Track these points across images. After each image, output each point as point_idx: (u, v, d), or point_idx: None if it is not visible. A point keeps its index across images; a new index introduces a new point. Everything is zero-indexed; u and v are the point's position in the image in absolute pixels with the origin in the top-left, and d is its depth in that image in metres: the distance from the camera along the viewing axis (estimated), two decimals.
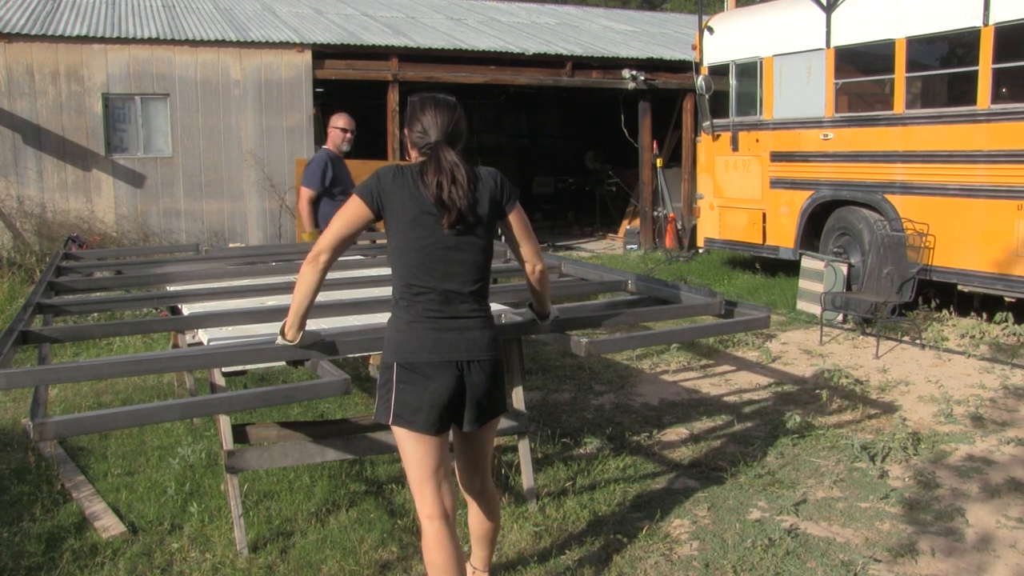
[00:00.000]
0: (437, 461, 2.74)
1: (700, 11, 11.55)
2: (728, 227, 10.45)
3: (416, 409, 2.69)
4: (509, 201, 2.82)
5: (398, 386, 2.70)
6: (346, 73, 12.87)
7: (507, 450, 4.45)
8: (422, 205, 2.68)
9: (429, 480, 2.74)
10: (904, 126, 8.03)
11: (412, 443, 2.72)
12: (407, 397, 2.69)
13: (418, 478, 2.75)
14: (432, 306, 2.70)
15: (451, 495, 2.79)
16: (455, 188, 2.66)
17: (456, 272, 2.71)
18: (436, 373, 2.69)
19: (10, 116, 11.33)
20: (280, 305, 3.92)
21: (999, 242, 7.18)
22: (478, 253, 2.75)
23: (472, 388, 2.74)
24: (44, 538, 3.75)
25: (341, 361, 4.03)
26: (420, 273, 2.69)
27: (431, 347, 2.69)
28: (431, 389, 2.69)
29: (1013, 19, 7.00)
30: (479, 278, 2.76)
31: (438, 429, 2.71)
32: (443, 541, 2.73)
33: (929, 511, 3.97)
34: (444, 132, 2.73)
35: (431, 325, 2.70)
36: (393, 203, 2.70)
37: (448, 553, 2.73)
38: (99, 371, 3.37)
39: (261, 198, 12.55)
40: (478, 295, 2.77)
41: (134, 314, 5.78)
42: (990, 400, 5.62)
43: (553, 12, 19.40)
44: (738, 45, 10.14)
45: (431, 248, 2.69)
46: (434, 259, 2.69)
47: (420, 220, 2.68)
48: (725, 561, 3.49)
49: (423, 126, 2.75)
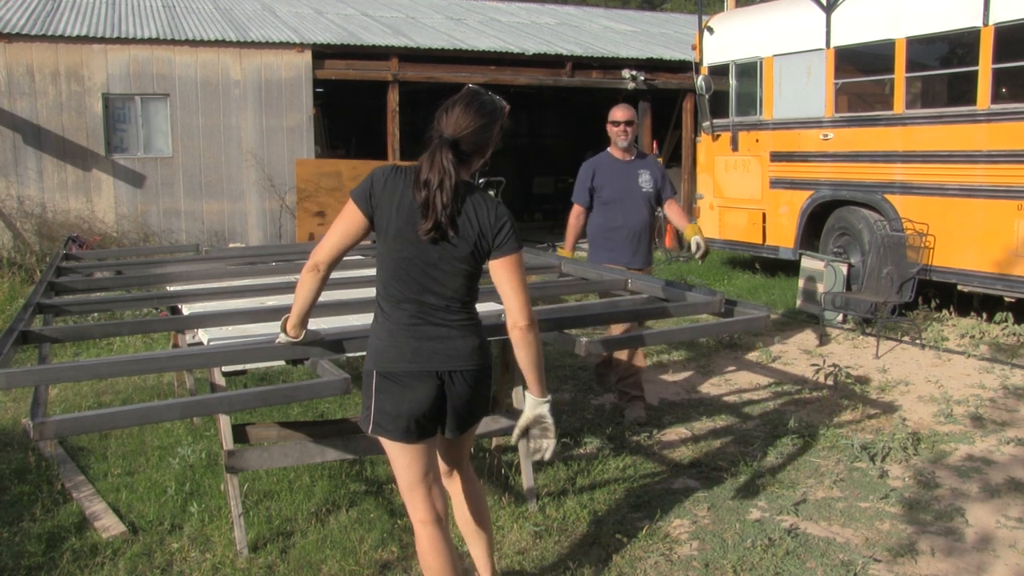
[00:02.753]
0: (424, 467, 2.71)
1: (700, 11, 11.54)
2: (728, 227, 10.45)
3: (395, 418, 2.63)
4: (501, 246, 2.58)
5: (377, 395, 2.64)
6: (346, 73, 12.87)
7: (507, 450, 4.45)
8: (409, 214, 2.56)
9: (418, 485, 2.71)
10: (904, 126, 8.03)
11: (396, 450, 2.70)
12: (386, 406, 2.63)
13: (406, 484, 2.72)
14: (412, 315, 2.62)
15: (442, 498, 2.78)
16: (440, 194, 2.50)
17: (434, 289, 2.61)
18: (415, 383, 2.61)
19: (10, 116, 11.33)
20: (280, 305, 3.92)
21: (999, 242, 7.18)
22: (459, 276, 2.62)
23: (453, 398, 2.67)
24: (44, 538, 3.75)
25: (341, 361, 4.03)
26: (398, 284, 2.61)
27: (410, 356, 2.61)
28: (409, 399, 2.61)
29: (1013, 19, 7.00)
30: (462, 294, 2.64)
31: (418, 437, 2.66)
32: (437, 545, 2.70)
33: (929, 511, 3.97)
34: (456, 133, 2.55)
35: (411, 333, 2.61)
36: (382, 208, 2.59)
37: (443, 557, 2.71)
38: (99, 371, 3.37)
39: (261, 198, 12.56)
40: (461, 303, 2.66)
41: (134, 314, 5.78)
42: (990, 400, 5.62)
43: (553, 12, 19.40)
44: (738, 45, 10.13)
45: (412, 261, 2.58)
46: (413, 273, 2.59)
47: (404, 232, 2.57)
48: (725, 561, 3.49)
49: (442, 120, 2.58)
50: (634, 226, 5.37)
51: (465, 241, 2.57)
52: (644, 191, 5.40)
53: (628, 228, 5.36)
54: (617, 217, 5.36)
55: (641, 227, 5.41)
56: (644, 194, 5.41)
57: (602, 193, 5.40)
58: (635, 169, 5.44)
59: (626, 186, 5.38)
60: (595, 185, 5.41)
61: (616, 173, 5.42)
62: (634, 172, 5.43)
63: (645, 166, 5.49)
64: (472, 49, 13.62)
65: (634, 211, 5.37)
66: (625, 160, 5.46)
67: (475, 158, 2.63)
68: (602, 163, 5.48)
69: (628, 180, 5.40)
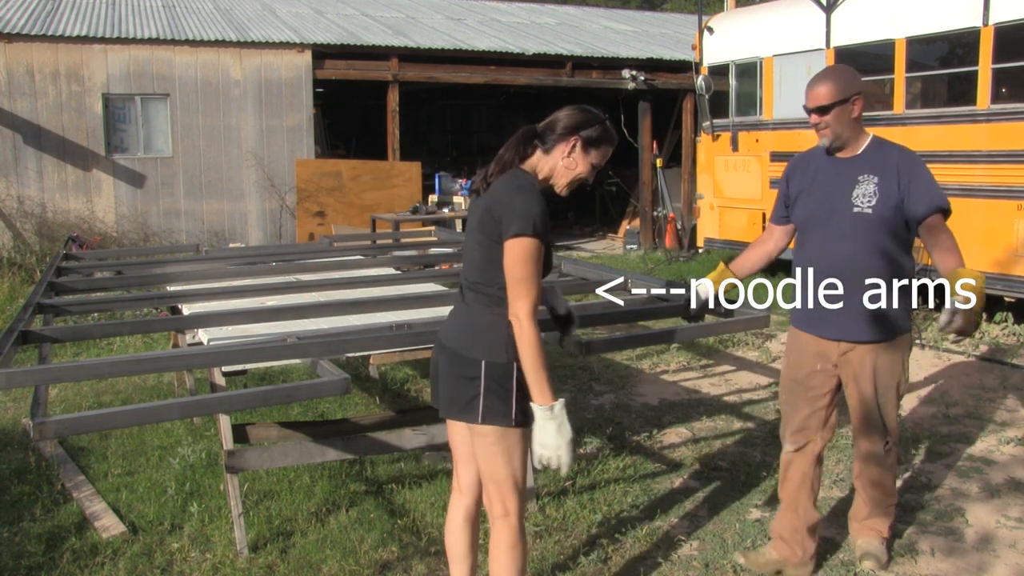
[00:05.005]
0: (453, 441, 2.79)
1: (700, 11, 11.55)
2: (728, 227, 10.45)
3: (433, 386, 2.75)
4: (506, 231, 2.47)
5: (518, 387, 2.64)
6: (346, 73, 12.87)
7: None
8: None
9: (454, 456, 2.81)
10: (904, 126, 8.03)
11: (519, 437, 2.63)
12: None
13: (522, 475, 2.67)
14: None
15: (468, 477, 2.78)
16: (487, 167, 2.65)
17: (464, 263, 2.72)
18: (435, 350, 2.75)
19: (10, 116, 11.33)
20: (280, 305, 3.93)
21: (999, 242, 7.18)
22: (475, 249, 2.59)
23: (433, 367, 2.75)
24: (44, 538, 3.75)
25: (342, 361, 4.04)
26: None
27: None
28: (432, 364, 2.76)
29: (1013, 19, 7.00)
30: (476, 276, 2.59)
31: (438, 407, 2.72)
32: (450, 515, 2.83)
33: (929, 511, 3.97)
34: (543, 121, 2.69)
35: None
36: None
37: (451, 535, 2.81)
38: (99, 371, 3.37)
39: (261, 198, 12.55)
40: (476, 289, 2.59)
41: (134, 314, 5.78)
42: (990, 400, 5.62)
43: (553, 12, 19.40)
44: (738, 45, 10.14)
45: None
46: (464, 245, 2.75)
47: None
48: (725, 561, 3.49)
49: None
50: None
51: (481, 213, 2.57)
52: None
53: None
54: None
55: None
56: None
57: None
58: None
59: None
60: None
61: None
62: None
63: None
64: (472, 49, 13.62)
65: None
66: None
67: (536, 142, 2.68)
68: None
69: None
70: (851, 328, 3.20)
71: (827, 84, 3.14)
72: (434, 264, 5.87)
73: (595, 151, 2.64)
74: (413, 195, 12.56)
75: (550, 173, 2.66)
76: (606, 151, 2.67)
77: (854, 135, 3.21)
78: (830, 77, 3.17)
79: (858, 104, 3.16)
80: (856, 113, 3.17)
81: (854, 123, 3.18)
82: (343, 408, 5.46)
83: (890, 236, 3.16)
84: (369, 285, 4.50)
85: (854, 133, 3.20)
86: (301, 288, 4.40)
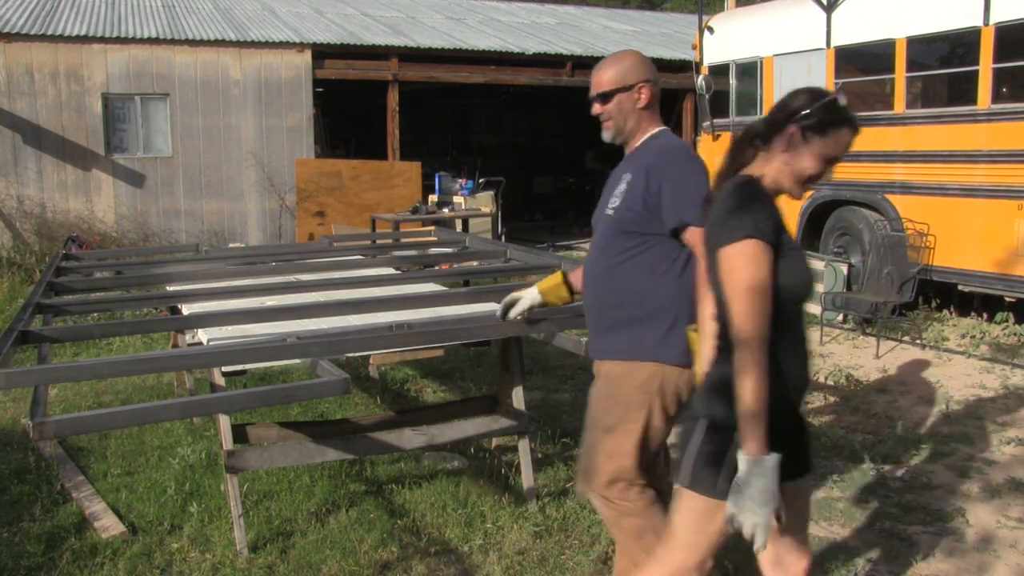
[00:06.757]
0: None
1: (700, 11, 11.54)
2: None
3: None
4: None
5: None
6: (346, 73, 12.88)
7: (507, 450, 4.45)
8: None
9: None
10: (904, 126, 8.02)
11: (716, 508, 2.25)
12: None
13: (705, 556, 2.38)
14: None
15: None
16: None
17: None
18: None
19: (10, 116, 11.33)
20: (280, 305, 3.92)
21: (999, 242, 7.18)
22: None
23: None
24: (44, 538, 3.74)
25: (342, 361, 4.03)
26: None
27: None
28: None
29: (1013, 19, 6.99)
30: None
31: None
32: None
33: (929, 511, 3.97)
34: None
35: None
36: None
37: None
38: (99, 371, 3.37)
39: (261, 198, 12.56)
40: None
41: (134, 314, 5.77)
42: (990, 400, 5.62)
43: (553, 12, 19.41)
44: (738, 45, 10.13)
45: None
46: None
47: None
48: (725, 561, 3.48)
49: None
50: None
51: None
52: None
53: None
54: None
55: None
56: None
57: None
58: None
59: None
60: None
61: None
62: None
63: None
64: (472, 49, 13.62)
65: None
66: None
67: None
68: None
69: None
70: (593, 345, 2.88)
71: (609, 69, 2.79)
72: (434, 264, 5.86)
73: (819, 139, 2.10)
74: (413, 195, 12.56)
75: (775, 174, 2.17)
76: (839, 138, 2.10)
77: (639, 129, 2.80)
78: (613, 61, 2.82)
79: (644, 93, 2.76)
80: (643, 103, 2.77)
81: (640, 114, 2.78)
82: (343, 408, 5.46)
83: (628, 245, 2.70)
84: (369, 285, 4.49)
85: (639, 127, 2.80)
86: (301, 288, 4.39)
